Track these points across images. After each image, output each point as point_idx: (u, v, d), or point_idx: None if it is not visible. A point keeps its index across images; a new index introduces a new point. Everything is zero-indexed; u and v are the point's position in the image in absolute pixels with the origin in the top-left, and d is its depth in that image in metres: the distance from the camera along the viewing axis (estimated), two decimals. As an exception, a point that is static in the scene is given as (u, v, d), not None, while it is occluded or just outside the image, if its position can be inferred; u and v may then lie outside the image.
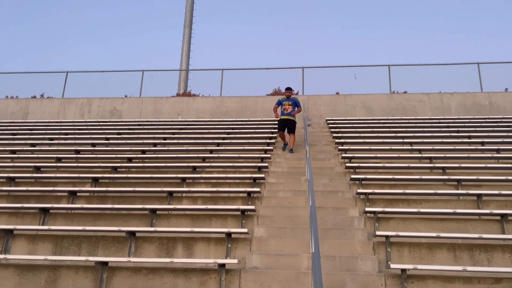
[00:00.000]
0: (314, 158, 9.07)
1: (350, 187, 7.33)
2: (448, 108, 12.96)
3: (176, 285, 4.50)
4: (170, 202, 6.68)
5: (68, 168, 8.39)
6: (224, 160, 8.81)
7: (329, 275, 4.45)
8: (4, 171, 8.51)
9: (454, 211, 5.46)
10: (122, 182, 7.80)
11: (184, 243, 5.32)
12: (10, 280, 4.67)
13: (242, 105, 13.84)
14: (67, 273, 4.66)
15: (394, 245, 5.06)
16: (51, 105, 14.38)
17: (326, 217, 5.95)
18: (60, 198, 6.92)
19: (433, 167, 7.60)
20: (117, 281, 4.57)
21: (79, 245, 5.41)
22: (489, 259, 4.86)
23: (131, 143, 10.40)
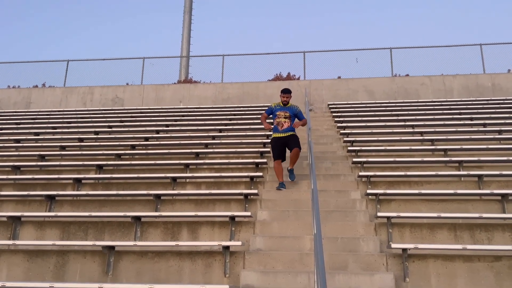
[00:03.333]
0: (316, 142, 9.11)
1: (352, 170, 7.38)
2: (451, 91, 12.92)
3: (182, 268, 4.60)
4: (174, 187, 6.77)
5: (72, 156, 8.47)
6: (227, 146, 8.87)
7: (332, 256, 4.53)
8: (9, 160, 8.60)
9: (455, 191, 5.51)
10: (126, 169, 7.88)
11: (189, 227, 5.41)
12: (20, 266, 4.78)
13: (244, 91, 13.84)
14: (75, 257, 4.77)
15: (395, 226, 5.13)
16: (53, 94, 14.42)
17: (328, 199, 6.02)
18: (66, 186, 7.01)
19: (435, 149, 7.63)
20: (124, 264, 4.67)
21: (86, 231, 5.51)
22: (489, 238, 4.93)
23: (134, 131, 10.45)
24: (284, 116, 6.73)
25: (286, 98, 6.80)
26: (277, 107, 6.84)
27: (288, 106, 6.81)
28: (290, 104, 6.83)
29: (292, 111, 6.80)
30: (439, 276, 4.31)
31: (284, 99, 6.80)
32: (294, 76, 14.24)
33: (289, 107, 6.82)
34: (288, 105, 6.82)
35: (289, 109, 6.80)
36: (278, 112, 6.78)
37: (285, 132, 6.68)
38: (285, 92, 6.85)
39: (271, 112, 6.91)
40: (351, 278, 4.16)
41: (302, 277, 4.20)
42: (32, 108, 14.18)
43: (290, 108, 6.82)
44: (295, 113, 6.83)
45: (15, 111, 13.50)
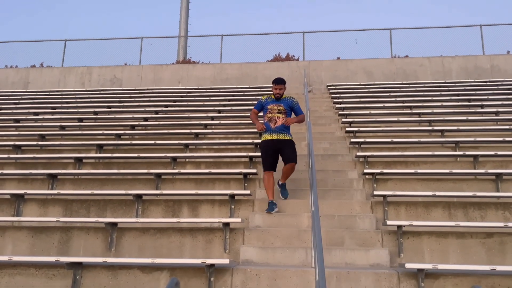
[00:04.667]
0: (314, 123, 9.18)
1: (349, 150, 7.47)
2: (449, 72, 12.92)
3: (183, 244, 4.72)
4: (174, 167, 6.86)
5: (72, 136, 8.53)
6: (226, 126, 8.92)
7: (329, 233, 4.66)
8: (9, 139, 8.65)
9: (451, 171, 5.62)
10: (126, 148, 7.95)
11: (189, 205, 5.52)
12: (25, 241, 4.89)
13: (243, 72, 13.81)
14: (78, 234, 4.88)
15: (391, 204, 5.26)
16: (51, 74, 14.36)
17: (326, 179, 6.12)
18: (67, 165, 7.09)
19: (432, 130, 7.72)
20: (127, 241, 4.79)
21: (88, 209, 5.62)
22: (482, 216, 5.06)
23: (133, 111, 10.48)
24: (277, 110, 5.42)
25: (279, 90, 5.45)
26: (268, 100, 5.53)
27: (283, 99, 5.54)
28: (285, 96, 5.60)
29: (287, 104, 5.50)
30: (433, 252, 4.45)
31: (276, 92, 5.46)
32: (293, 57, 14.20)
33: (284, 100, 5.54)
34: (282, 98, 5.55)
35: (283, 101, 5.51)
36: (270, 105, 5.47)
37: (279, 132, 5.33)
38: (278, 82, 5.44)
39: (262, 106, 5.57)
40: (347, 253, 4.29)
41: (300, 253, 4.33)
42: (30, 88, 14.13)
43: (284, 101, 5.53)
44: (291, 106, 5.53)
45: (14, 91, 13.47)
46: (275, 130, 5.37)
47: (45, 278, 4.14)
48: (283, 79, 5.52)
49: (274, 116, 5.43)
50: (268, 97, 5.60)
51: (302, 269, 3.93)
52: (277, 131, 5.36)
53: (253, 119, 5.60)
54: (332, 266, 4.21)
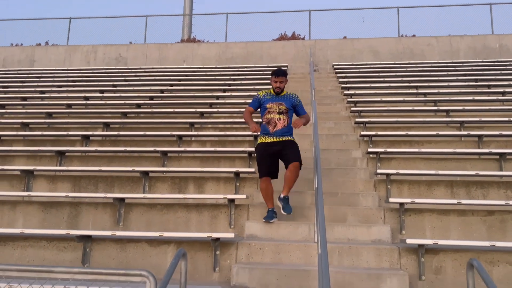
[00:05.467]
0: (319, 103, 9.18)
1: (354, 130, 7.50)
2: (457, 52, 12.78)
3: (189, 219, 4.83)
4: (180, 145, 6.94)
5: (79, 114, 8.61)
6: (231, 106, 8.95)
7: (331, 209, 4.74)
8: (17, 117, 8.75)
9: (454, 150, 5.65)
10: (132, 127, 8.03)
11: (195, 182, 5.62)
12: (36, 216, 5.03)
13: (248, 51, 13.73)
14: (87, 209, 5.01)
15: (394, 182, 5.32)
16: (56, 52, 14.36)
17: (330, 158, 6.18)
18: (74, 142, 7.19)
19: (437, 110, 7.70)
20: (134, 216, 4.91)
21: (96, 185, 5.73)
22: (484, 194, 5.11)
23: (138, 90, 10.51)
24: (278, 110, 4.56)
25: (279, 83, 4.61)
26: (267, 97, 4.68)
27: (284, 96, 4.69)
28: (286, 92, 4.74)
29: (289, 102, 4.66)
30: (434, 229, 4.53)
31: (276, 85, 4.62)
32: (299, 36, 14.07)
33: (285, 96, 4.69)
34: (283, 93, 4.70)
35: (284, 99, 4.65)
36: (269, 104, 4.61)
37: (279, 135, 4.51)
38: (278, 74, 4.60)
39: (259, 104, 4.73)
40: (349, 229, 4.38)
41: (303, 228, 4.43)
42: (36, 67, 14.16)
43: (286, 98, 4.68)
44: (294, 105, 4.69)
45: (20, 70, 13.51)
46: (274, 135, 4.52)
47: (56, 251, 4.28)
48: (284, 70, 4.66)
49: (274, 118, 4.53)
50: (267, 93, 4.71)
51: (304, 244, 4.04)
52: (276, 135, 4.52)
53: (246, 118, 4.65)
54: (334, 241, 4.31)
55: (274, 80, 4.66)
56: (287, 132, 4.59)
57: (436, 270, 3.83)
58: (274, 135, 4.53)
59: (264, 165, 4.52)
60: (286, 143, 4.54)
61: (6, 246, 4.32)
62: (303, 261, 3.99)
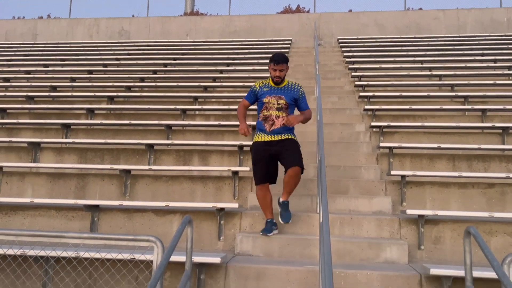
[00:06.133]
0: (324, 77, 9.14)
1: (358, 104, 7.50)
2: (464, 26, 12.57)
3: (194, 190, 4.93)
4: (184, 119, 6.98)
5: (83, 88, 8.64)
6: (234, 80, 8.93)
7: (334, 182, 4.82)
8: (22, 90, 8.79)
9: (457, 124, 5.67)
10: (136, 100, 8.06)
11: (200, 155, 5.69)
12: (44, 186, 5.14)
13: (251, 25, 13.56)
14: (94, 180, 5.11)
15: (396, 156, 5.37)
16: (58, 25, 14.24)
17: (333, 132, 6.22)
18: (79, 115, 7.25)
19: (442, 84, 7.67)
20: (140, 187, 5.01)
21: (102, 157, 5.82)
22: (485, 168, 5.16)
23: (141, 64, 10.48)
24: (277, 105, 3.92)
25: (279, 72, 3.90)
26: (264, 89, 4.00)
27: (284, 87, 4.00)
28: (288, 82, 4.04)
29: (290, 95, 3.96)
30: (434, 201, 4.61)
31: (275, 74, 3.91)
32: (303, 9, 13.85)
33: (286, 88, 3.99)
34: (284, 84, 4.01)
35: (285, 91, 3.97)
36: (266, 98, 3.95)
37: (276, 134, 3.91)
38: (278, 60, 3.87)
39: (255, 97, 4.05)
40: (351, 201, 4.46)
41: (305, 199, 4.52)
42: (39, 40, 14.08)
43: (287, 90, 3.98)
44: (295, 98, 3.99)
45: (23, 43, 13.44)
46: (271, 134, 3.92)
47: (65, 220, 4.40)
48: (285, 56, 3.92)
49: (272, 115, 3.91)
50: (264, 84, 4.03)
51: (307, 214, 4.13)
52: (275, 133, 3.92)
53: (238, 114, 4.05)
54: (335, 212, 4.40)
55: (273, 68, 3.90)
56: (286, 131, 3.95)
57: (435, 240, 3.93)
58: (272, 134, 3.91)
59: (260, 170, 3.88)
60: (286, 143, 3.90)
61: (16, 215, 4.44)
62: (305, 231, 4.09)
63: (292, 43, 12.64)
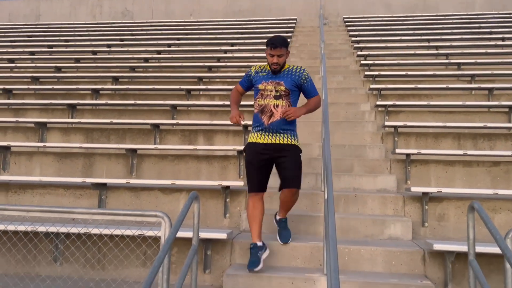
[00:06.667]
0: (329, 57, 9.06)
1: (363, 84, 7.46)
2: (472, 4, 12.33)
3: (200, 169, 4.98)
4: (189, 99, 6.99)
5: (88, 69, 8.63)
6: (238, 60, 8.88)
7: (338, 160, 4.84)
8: (27, 71, 8.79)
9: (463, 103, 5.63)
10: (141, 81, 8.06)
11: (205, 134, 5.72)
12: (51, 165, 5.21)
13: (256, 4, 13.39)
14: (100, 159, 5.16)
15: (401, 135, 5.37)
16: (61, 6, 14.14)
17: (338, 111, 6.21)
18: (84, 96, 7.27)
19: (449, 63, 7.58)
20: (146, 166, 5.06)
21: (108, 137, 5.86)
22: (491, 146, 5.15)
23: (145, 44, 10.43)
24: (275, 92, 3.25)
25: (277, 58, 3.22)
26: (260, 74, 3.36)
27: (284, 72, 3.32)
28: (289, 66, 3.36)
29: (290, 80, 3.28)
30: (439, 179, 4.62)
31: (273, 61, 3.23)
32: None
33: (286, 72, 3.32)
34: (284, 69, 3.33)
35: (284, 76, 3.30)
36: (262, 84, 3.31)
37: (275, 132, 3.24)
38: (275, 44, 3.19)
39: (250, 83, 3.45)
40: (355, 179, 4.49)
41: (310, 178, 4.55)
42: (42, 21, 14.01)
43: (287, 74, 3.31)
44: (298, 84, 3.31)
45: (26, 24, 13.38)
46: (270, 129, 3.23)
47: (73, 198, 4.48)
48: (284, 39, 3.23)
49: (269, 104, 3.24)
50: (261, 68, 3.39)
51: (311, 192, 4.17)
52: (273, 130, 3.23)
53: (230, 100, 3.46)
54: (340, 190, 4.43)
55: (270, 53, 3.21)
56: (287, 125, 3.26)
57: (439, 217, 3.96)
58: (270, 131, 3.23)
59: (256, 177, 3.27)
60: (285, 149, 3.24)
61: (25, 193, 4.52)
62: (309, 208, 4.14)
63: (297, 22, 12.49)
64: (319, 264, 3.39)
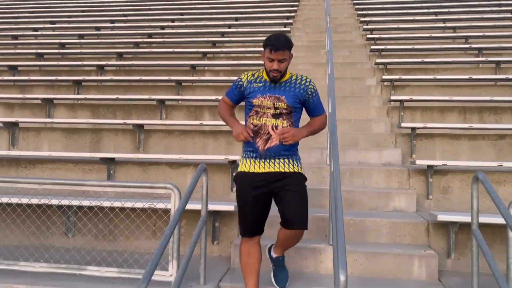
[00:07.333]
0: (334, 31, 8.94)
1: (369, 58, 7.39)
2: (482, -25, 12.01)
3: (206, 145, 5.02)
4: (193, 75, 6.97)
5: (91, 45, 8.58)
6: (243, 34, 8.79)
7: (344, 135, 4.86)
8: (31, 47, 8.77)
9: (470, 77, 5.59)
10: (145, 56, 8.04)
11: (210, 110, 5.74)
12: (59, 141, 5.27)
13: (260, -23, 13.10)
14: (108, 135, 5.22)
15: (407, 109, 5.36)
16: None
17: (344, 86, 6.19)
18: (89, 72, 7.28)
19: (456, 36, 7.48)
20: (153, 141, 5.12)
21: (114, 113, 5.90)
22: (497, 120, 5.15)
23: (149, 20, 10.32)
24: (273, 110, 2.61)
25: (279, 63, 2.55)
26: (255, 85, 2.66)
27: (285, 82, 2.67)
28: (291, 75, 2.71)
29: (294, 94, 2.64)
30: (444, 153, 4.65)
31: (272, 67, 2.56)
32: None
33: (287, 84, 2.66)
34: (285, 79, 2.68)
35: (285, 89, 2.65)
36: (257, 98, 2.63)
37: (273, 157, 2.62)
38: (276, 47, 2.51)
39: (241, 95, 2.75)
40: (360, 153, 4.53)
41: (316, 153, 4.59)
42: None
43: (288, 86, 2.66)
44: (302, 100, 2.68)
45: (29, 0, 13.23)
46: (266, 155, 2.60)
47: (82, 172, 4.55)
48: (287, 38, 2.55)
49: (266, 125, 2.59)
50: (256, 77, 2.68)
51: (317, 166, 4.21)
52: (271, 156, 2.60)
53: (224, 117, 2.78)
54: (345, 164, 4.47)
55: (269, 56, 2.52)
56: (288, 153, 2.63)
57: (443, 190, 4.01)
58: (266, 158, 2.59)
59: (248, 216, 2.64)
60: (286, 178, 2.60)
61: (35, 168, 4.60)
62: (315, 182, 4.19)
63: (301, -4, 12.25)
64: (324, 235, 3.47)
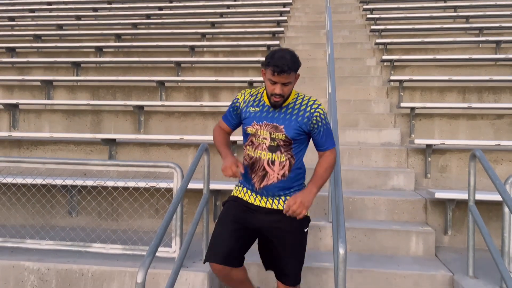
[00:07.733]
0: (334, 11, 8.85)
1: (369, 38, 7.35)
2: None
3: (206, 126, 5.05)
4: (193, 56, 6.94)
5: (89, 26, 8.50)
6: (242, 15, 8.71)
7: (344, 115, 4.89)
8: (28, 29, 8.69)
9: (470, 57, 5.58)
10: (144, 38, 7.98)
11: (210, 91, 5.74)
12: (60, 123, 5.29)
13: (259, -44, 12.88)
14: (108, 116, 5.23)
15: (407, 89, 5.37)
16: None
17: (344, 66, 6.18)
18: (87, 54, 7.24)
19: (457, 16, 7.42)
20: (153, 122, 5.14)
21: (114, 95, 5.90)
22: (496, 100, 5.17)
23: (146, 0, 10.19)
24: (269, 141, 2.15)
25: (282, 87, 2.06)
26: (251, 109, 2.22)
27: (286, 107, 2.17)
28: (296, 97, 2.20)
29: (296, 125, 2.14)
30: (442, 133, 4.69)
31: (275, 92, 2.07)
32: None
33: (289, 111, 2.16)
34: (288, 102, 2.17)
35: (287, 118, 2.14)
36: (252, 126, 2.19)
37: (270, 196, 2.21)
38: (281, 68, 2.00)
39: (238, 118, 2.32)
40: (360, 133, 4.56)
41: (316, 133, 4.61)
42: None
43: (290, 114, 2.15)
44: (307, 130, 2.17)
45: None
46: (263, 194, 2.21)
47: (83, 154, 4.59)
48: (294, 58, 2.08)
49: (261, 160, 2.18)
50: (254, 98, 2.26)
51: (317, 146, 4.25)
52: (268, 195, 2.20)
53: (217, 145, 2.35)
54: (345, 144, 4.51)
55: (271, 79, 2.07)
56: (289, 191, 2.22)
57: (441, 169, 4.06)
58: (263, 195, 2.21)
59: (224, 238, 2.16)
60: (284, 222, 2.17)
61: (37, 149, 4.63)
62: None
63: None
64: (324, 213, 3.53)
